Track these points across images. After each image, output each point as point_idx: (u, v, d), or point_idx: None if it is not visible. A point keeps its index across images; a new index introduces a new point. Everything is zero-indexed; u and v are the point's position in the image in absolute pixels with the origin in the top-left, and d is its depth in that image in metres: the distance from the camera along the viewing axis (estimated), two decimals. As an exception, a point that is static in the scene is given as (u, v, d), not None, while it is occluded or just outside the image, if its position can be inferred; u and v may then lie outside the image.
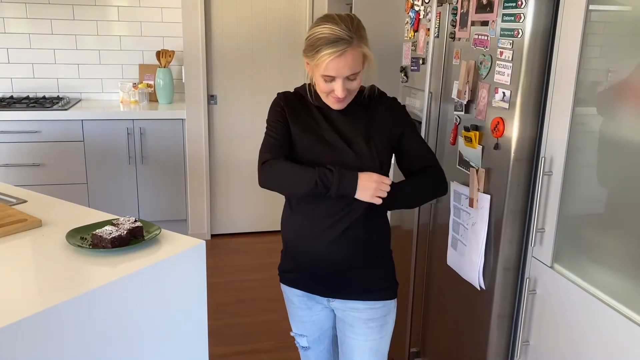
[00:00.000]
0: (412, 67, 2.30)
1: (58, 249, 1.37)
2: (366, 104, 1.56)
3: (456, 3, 1.90)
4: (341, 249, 1.54)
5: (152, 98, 4.07)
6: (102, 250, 1.34)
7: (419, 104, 2.23)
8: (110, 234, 1.36)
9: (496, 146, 1.67)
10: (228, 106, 3.98)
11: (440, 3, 2.01)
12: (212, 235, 4.13)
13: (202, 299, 1.48)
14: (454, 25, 1.92)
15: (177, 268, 1.39)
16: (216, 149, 4.02)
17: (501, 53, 1.63)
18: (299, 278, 1.65)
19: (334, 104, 1.51)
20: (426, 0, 2.14)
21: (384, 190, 1.45)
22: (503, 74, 1.63)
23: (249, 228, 4.22)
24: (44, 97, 3.87)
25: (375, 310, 1.61)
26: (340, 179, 1.43)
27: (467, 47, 1.83)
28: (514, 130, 1.61)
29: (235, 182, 4.11)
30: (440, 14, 2.02)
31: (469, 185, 1.80)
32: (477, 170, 1.75)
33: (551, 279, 1.57)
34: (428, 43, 2.07)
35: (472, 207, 1.77)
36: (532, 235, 1.60)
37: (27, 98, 3.81)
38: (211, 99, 3.94)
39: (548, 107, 1.56)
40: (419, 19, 2.22)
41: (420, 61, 2.20)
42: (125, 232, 1.38)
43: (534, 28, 1.53)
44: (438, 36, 2.05)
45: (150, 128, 3.68)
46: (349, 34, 1.38)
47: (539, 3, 1.52)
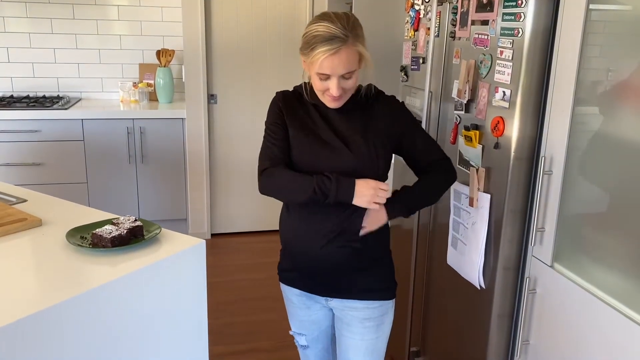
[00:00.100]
0: (412, 67, 2.29)
1: (58, 248, 1.37)
2: (363, 103, 1.56)
3: (456, 2, 1.90)
4: (339, 251, 1.54)
5: (152, 97, 4.07)
6: (102, 249, 1.34)
7: (419, 103, 2.23)
8: (110, 233, 1.36)
9: (496, 145, 1.67)
10: (228, 105, 3.98)
11: (440, 2, 2.00)
12: (212, 235, 4.13)
13: (202, 298, 1.48)
14: (454, 25, 1.92)
15: (177, 267, 1.39)
16: (216, 148, 4.01)
17: (501, 52, 1.63)
18: (298, 278, 1.65)
19: (329, 103, 1.51)
20: (426, 0, 2.14)
21: (382, 196, 1.45)
22: (503, 73, 1.63)
23: (249, 227, 4.22)
24: (44, 97, 3.87)
25: (373, 309, 1.61)
26: (337, 187, 1.43)
27: (467, 47, 1.83)
28: (514, 130, 1.61)
29: (236, 182, 4.10)
30: (440, 13, 2.02)
31: (469, 185, 1.80)
32: (477, 170, 1.75)
33: (551, 278, 1.57)
34: (428, 42, 2.07)
35: (472, 207, 1.77)
36: (532, 234, 1.60)
37: (27, 97, 3.82)
38: (211, 98, 3.93)
39: (548, 107, 1.56)
40: (419, 18, 2.22)
41: (421, 60, 2.20)
42: (125, 232, 1.38)
43: (534, 27, 1.53)
44: (438, 35, 2.04)
45: (150, 127, 3.68)
46: (344, 32, 1.38)
47: (539, 2, 1.51)
